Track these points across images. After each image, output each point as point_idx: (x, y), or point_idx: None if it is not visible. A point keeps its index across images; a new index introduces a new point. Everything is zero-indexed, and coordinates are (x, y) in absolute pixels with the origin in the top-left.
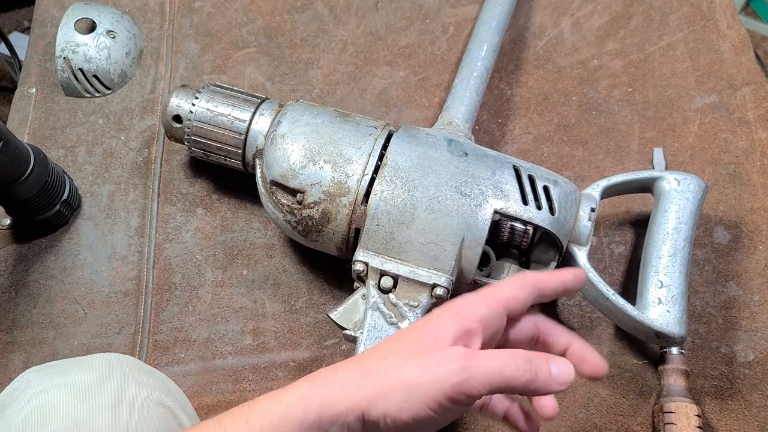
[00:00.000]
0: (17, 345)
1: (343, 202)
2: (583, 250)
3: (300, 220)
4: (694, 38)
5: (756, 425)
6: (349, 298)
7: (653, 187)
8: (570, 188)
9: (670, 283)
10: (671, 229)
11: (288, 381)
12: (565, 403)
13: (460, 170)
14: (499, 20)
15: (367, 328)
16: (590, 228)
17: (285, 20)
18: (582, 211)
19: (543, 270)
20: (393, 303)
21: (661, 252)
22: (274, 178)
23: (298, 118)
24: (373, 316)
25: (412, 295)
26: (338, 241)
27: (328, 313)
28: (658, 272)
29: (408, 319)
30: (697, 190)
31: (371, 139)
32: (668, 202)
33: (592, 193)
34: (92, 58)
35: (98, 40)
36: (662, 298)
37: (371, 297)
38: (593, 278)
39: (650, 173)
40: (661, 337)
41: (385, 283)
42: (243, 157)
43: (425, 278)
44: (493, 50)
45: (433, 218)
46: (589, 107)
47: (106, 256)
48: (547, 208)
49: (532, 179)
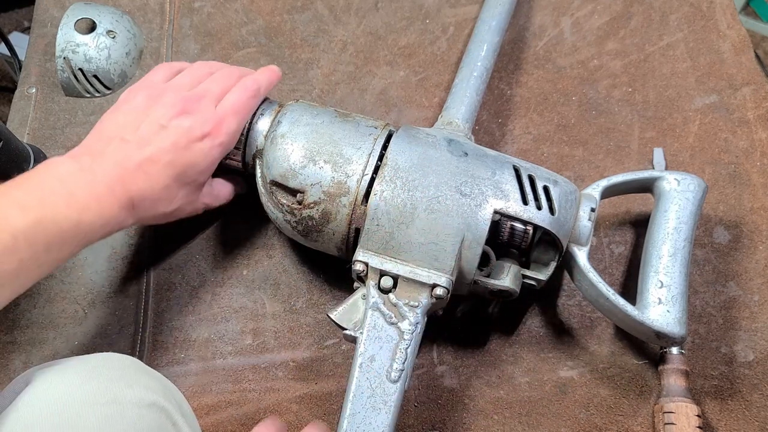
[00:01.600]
0: (17, 345)
1: (343, 202)
2: (583, 250)
3: (300, 220)
4: (694, 38)
5: (756, 425)
6: (349, 298)
7: (653, 187)
8: (570, 188)
9: (670, 283)
10: (671, 229)
11: (288, 381)
12: (565, 403)
13: (460, 170)
14: (499, 20)
15: (367, 328)
16: (590, 228)
17: (285, 20)
18: (582, 211)
19: None
20: (393, 303)
21: (661, 252)
22: (274, 178)
23: (298, 118)
24: (373, 316)
25: (412, 295)
26: (338, 241)
27: (328, 313)
28: (658, 272)
29: (408, 318)
30: (697, 190)
31: (371, 139)
32: (668, 202)
33: (592, 193)
34: (92, 58)
35: (98, 40)
36: (662, 298)
37: (371, 297)
38: (593, 278)
39: (650, 173)
40: (661, 337)
41: (385, 283)
42: (243, 157)
43: (425, 278)
44: (493, 50)
45: (433, 218)
46: (589, 107)
47: (106, 256)
48: (547, 208)
49: (532, 179)
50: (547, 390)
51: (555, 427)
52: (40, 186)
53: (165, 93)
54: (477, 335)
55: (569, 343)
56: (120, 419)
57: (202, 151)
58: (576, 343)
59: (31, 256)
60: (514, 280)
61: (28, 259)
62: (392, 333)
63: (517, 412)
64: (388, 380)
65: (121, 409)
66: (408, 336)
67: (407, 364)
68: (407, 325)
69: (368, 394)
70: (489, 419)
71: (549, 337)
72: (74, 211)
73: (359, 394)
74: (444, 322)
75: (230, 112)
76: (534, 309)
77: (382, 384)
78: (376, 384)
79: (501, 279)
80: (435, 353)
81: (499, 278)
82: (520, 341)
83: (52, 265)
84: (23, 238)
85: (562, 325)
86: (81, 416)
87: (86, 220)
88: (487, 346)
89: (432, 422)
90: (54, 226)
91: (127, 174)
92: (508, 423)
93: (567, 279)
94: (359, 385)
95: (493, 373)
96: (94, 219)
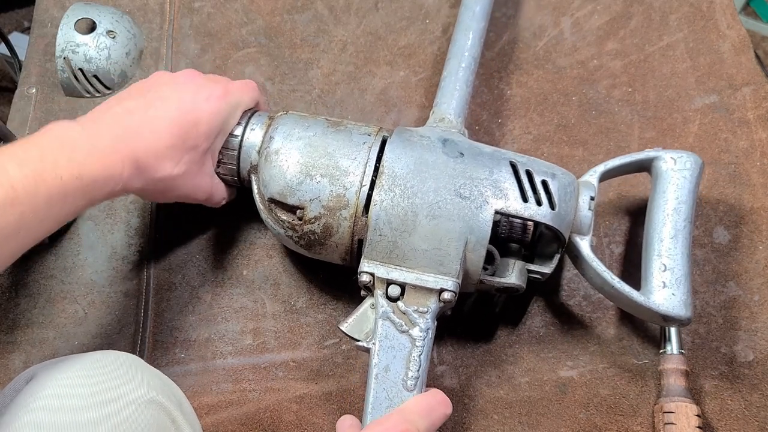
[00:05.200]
0: (17, 345)
1: (344, 215)
2: (586, 240)
3: (302, 235)
4: (694, 38)
5: (756, 425)
6: (358, 309)
7: (651, 168)
8: (568, 179)
9: (674, 266)
10: (671, 210)
11: (288, 381)
12: (565, 403)
13: (458, 172)
14: (483, 5)
15: (379, 337)
16: (591, 217)
17: (285, 20)
18: (581, 201)
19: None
20: (402, 311)
21: (663, 234)
22: (272, 195)
23: (289, 132)
24: (384, 325)
25: (421, 301)
26: (342, 253)
27: (338, 326)
28: (660, 255)
29: (418, 325)
30: (694, 167)
31: (365, 147)
32: (666, 182)
33: (590, 180)
34: (92, 58)
35: (98, 40)
36: (666, 281)
37: (380, 306)
38: (597, 267)
39: (646, 154)
40: (668, 319)
41: (393, 291)
42: (238, 173)
43: (432, 284)
44: (479, 37)
45: (435, 224)
46: (589, 107)
47: (106, 256)
48: (547, 204)
49: (530, 174)
50: (547, 390)
51: (555, 427)
52: (39, 143)
53: (165, 75)
54: (477, 335)
55: (569, 343)
56: (118, 416)
57: (207, 110)
58: (576, 343)
59: (32, 209)
60: (519, 276)
61: (30, 212)
62: (404, 341)
63: (517, 412)
64: (405, 389)
65: (118, 407)
66: (420, 343)
67: (421, 371)
68: (418, 331)
69: (386, 404)
70: (489, 419)
71: (549, 337)
72: (76, 165)
73: (377, 405)
74: (446, 319)
75: (239, 84)
76: (534, 309)
77: (399, 393)
78: (393, 394)
79: (507, 276)
80: (435, 353)
81: (505, 275)
82: (520, 341)
83: (54, 221)
84: (23, 190)
85: (562, 325)
86: (80, 413)
87: (88, 174)
88: (487, 346)
89: None
90: (54, 180)
91: (131, 131)
92: (508, 423)
93: (567, 279)
94: (377, 397)
95: (493, 373)
96: (96, 173)
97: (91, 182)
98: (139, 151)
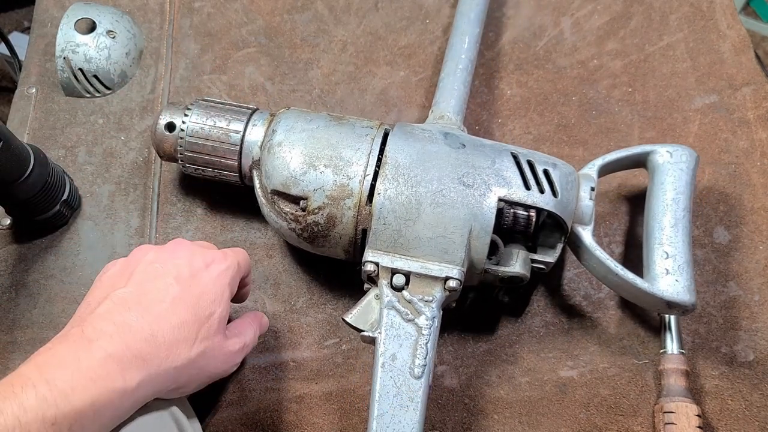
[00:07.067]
0: (17, 345)
1: (348, 204)
2: (587, 229)
3: (305, 227)
4: (694, 38)
5: (756, 425)
6: (362, 300)
7: (647, 162)
8: (569, 170)
9: (675, 253)
10: (670, 200)
11: (288, 381)
12: (565, 403)
13: (460, 162)
14: (477, 11)
15: (385, 327)
16: (592, 207)
17: (285, 20)
18: (583, 191)
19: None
20: (407, 300)
21: (663, 224)
22: (275, 187)
23: (292, 125)
24: (389, 314)
25: (426, 290)
26: (345, 244)
27: (343, 317)
28: (662, 243)
29: (424, 314)
30: (689, 160)
31: (368, 139)
32: (663, 174)
33: (590, 173)
34: (92, 58)
35: (98, 40)
36: (669, 268)
37: (385, 296)
38: (600, 256)
39: (642, 148)
40: (672, 306)
41: (398, 280)
42: (239, 169)
43: (437, 272)
44: (474, 41)
45: (439, 212)
46: (589, 107)
47: (106, 256)
48: (549, 191)
49: (531, 164)
50: (547, 390)
51: (555, 427)
52: (10, 382)
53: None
54: (477, 335)
55: (569, 343)
56: None
57: (210, 277)
58: (576, 343)
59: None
60: (523, 265)
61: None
62: (410, 330)
63: (517, 412)
64: (412, 377)
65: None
66: (426, 331)
67: (429, 359)
68: (424, 320)
69: (394, 392)
70: (489, 419)
71: (549, 337)
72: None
73: (385, 393)
74: (448, 313)
75: (231, 249)
76: (534, 309)
77: (406, 381)
78: (400, 382)
79: (511, 265)
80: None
81: (509, 265)
82: (520, 341)
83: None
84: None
85: (562, 325)
86: None
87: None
88: (487, 346)
89: (432, 422)
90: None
91: (125, 326)
92: (508, 423)
93: (566, 279)
94: (384, 385)
95: (493, 373)
96: (83, 403)
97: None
98: (141, 344)
